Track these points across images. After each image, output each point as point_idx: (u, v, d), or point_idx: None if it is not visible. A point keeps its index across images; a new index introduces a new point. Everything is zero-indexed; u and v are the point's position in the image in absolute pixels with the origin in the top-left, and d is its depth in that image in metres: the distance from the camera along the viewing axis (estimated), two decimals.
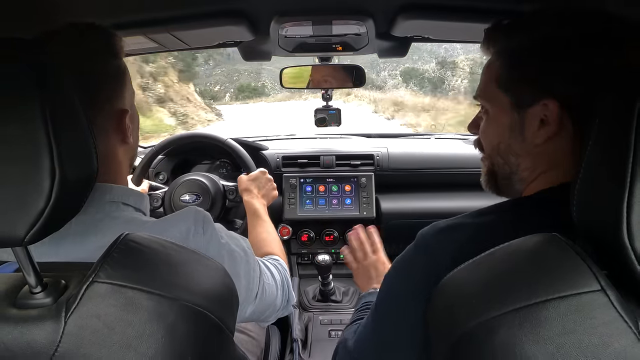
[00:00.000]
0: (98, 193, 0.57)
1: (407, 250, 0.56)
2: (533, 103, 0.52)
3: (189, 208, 0.61)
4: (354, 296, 1.37)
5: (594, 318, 0.34)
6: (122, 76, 0.62)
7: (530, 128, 0.53)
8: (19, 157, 0.35)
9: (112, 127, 0.60)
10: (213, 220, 0.63)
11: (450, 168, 1.48)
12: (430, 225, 0.54)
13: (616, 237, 0.35)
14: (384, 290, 0.59)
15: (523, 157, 0.56)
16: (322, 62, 1.38)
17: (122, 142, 0.62)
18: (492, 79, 0.57)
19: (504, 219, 0.51)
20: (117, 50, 0.61)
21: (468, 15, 0.85)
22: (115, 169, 0.62)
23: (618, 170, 0.34)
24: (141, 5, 0.81)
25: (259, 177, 1.15)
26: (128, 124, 0.62)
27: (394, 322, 0.55)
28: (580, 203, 0.40)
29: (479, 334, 0.38)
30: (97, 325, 0.39)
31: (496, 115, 0.57)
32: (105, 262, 0.41)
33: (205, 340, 0.45)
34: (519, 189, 0.58)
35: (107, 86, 0.59)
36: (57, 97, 0.37)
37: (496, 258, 0.42)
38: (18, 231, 0.36)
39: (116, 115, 0.60)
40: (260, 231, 0.99)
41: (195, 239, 0.58)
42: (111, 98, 0.60)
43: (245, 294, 0.67)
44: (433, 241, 0.52)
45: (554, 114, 0.50)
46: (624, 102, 0.36)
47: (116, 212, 0.58)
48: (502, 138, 0.57)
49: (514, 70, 0.54)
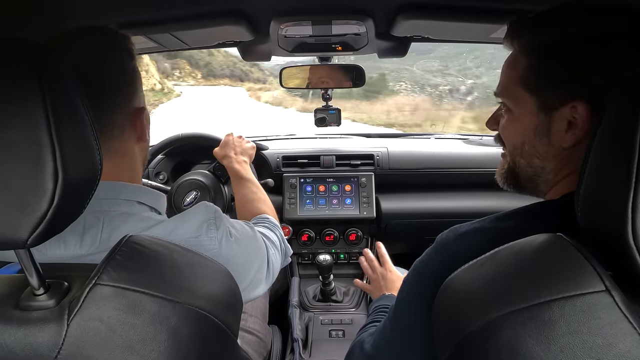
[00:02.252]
0: (114, 191, 0.57)
1: (426, 254, 0.55)
2: (561, 105, 0.50)
3: (198, 205, 0.62)
4: (354, 296, 1.37)
5: (599, 319, 0.34)
6: (136, 76, 0.63)
7: (557, 131, 0.50)
8: (22, 158, 0.35)
9: (129, 125, 0.62)
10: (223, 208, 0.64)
11: (450, 168, 1.48)
12: (451, 229, 0.53)
13: (621, 238, 0.35)
14: (404, 293, 0.58)
15: (549, 160, 0.53)
16: (321, 62, 1.37)
17: (138, 140, 0.64)
18: (515, 77, 0.54)
19: (529, 223, 0.49)
20: (131, 52, 0.63)
21: (468, 15, 0.85)
22: (132, 166, 0.64)
23: (623, 171, 0.34)
24: (141, 5, 0.81)
25: (228, 141, 1.16)
26: (144, 122, 0.63)
27: (413, 324, 0.55)
28: (585, 203, 0.40)
29: (483, 333, 0.38)
30: (99, 328, 0.38)
31: (520, 116, 0.55)
32: (108, 264, 0.41)
33: (208, 343, 0.45)
34: (543, 190, 0.57)
35: (124, 86, 0.61)
36: (59, 98, 0.37)
37: (500, 258, 0.42)
38: (21, 233, 0.36)
39: (133, 114, 0.62)
40: (246, 192, 1.01)
41: (209, 235, 0.58)
42: (128, 97, 0.61)
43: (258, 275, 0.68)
44: (454, 245, 0.51)
45: (583, 117, 0.48)
46: (627, 103, 0.36)
47: (131, 210, 0.58)
48: (527, 139, 0.55)
49: (541, 69, 0.51)
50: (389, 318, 0.60)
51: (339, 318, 1.27)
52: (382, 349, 0.60)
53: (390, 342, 0.59)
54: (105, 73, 0.58)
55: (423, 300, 0.52)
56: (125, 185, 0.59)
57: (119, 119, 0.60)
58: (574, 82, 0.49)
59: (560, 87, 0.50)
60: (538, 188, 0.57)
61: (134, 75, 0.62)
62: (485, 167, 1.45)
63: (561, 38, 0.50)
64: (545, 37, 0.51)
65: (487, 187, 1.44)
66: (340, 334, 1.21)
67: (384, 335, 0.60)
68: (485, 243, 0.47)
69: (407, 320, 0.56)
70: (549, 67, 0.51)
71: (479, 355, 0.38)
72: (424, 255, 0.55)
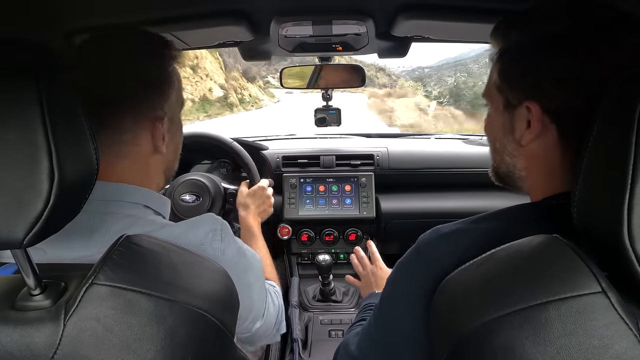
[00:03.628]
0: (120, 193, 0.57)
1: (408, 254, 0.55)
2: (518, 104, 0.52)
3: (206, 215, 0.60)
4: (354, 296, 1.37)
5: (595, 320, 0.34)
6: (166, 84, 0.61)
7: (518, 129, 0.53)
8: (18, 159, 0.35)
9: (144, 131, 0.59)
10: None
11: (450, 168, 1.48)
12: (432, 230, 0.54)
13: (617, 239, 0.34)
14: (386, 293, 0.58)
15: (517, 158, 0.56)
16: (322, 62, 1.37)
17: (154, 151, 0.61)
18: (492, 77, 0.56)
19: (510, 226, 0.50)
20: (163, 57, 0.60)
21: (468, 15, 0.85)
22: (144, 173, 0.61)
23: (618, 172, 0.34)
24: (141, 5, 0.81)
25: (257, 193, 1.15)
26: (164, 133, 0.61)
27: (395, 325, 0.55)
28: (580, 205, 0.40)
29: (479, 335, 0.38)
30: (96, 327, 0.39)
31: (493, 115, 0.58)
32: (104, 264, 0.41)
33: (205, 342, 0.45)
34: (524, 187, 0.58)
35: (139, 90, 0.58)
36: (56, 98, 0.37)
37: (497, 259, 0.42)
38: (17, 233, 0.36)
39: (149, 121, 0.59)
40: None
41: (213, 245, 0.57)
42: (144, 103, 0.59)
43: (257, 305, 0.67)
44: (436, 246, 0.51)
45: (536, 117, 0.50)
46: (623, 102, 0.36)
47: (136, 213, 0.57)
48: (497, 137, 0.58)
49: (505, 70, 0.54)
50: (374, 317, 0.60)
51: (338, 318, 1.27)
52: (367, 350, 0.60)
53: (374, 343, 0.59)
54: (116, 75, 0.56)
55: (406, 299, 0.53)
56: (132, 188, 0.58)
57: (128, 123, 0.58)
58: (526, 83, 0.51)
59: (516, 87, 0.52)
60: (517, 184, 0.59)
61: (157, 81, 0.60)
62: (485, 167, 1.43)
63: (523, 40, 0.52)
64: (513, 39, 0.53)
65: (487, 187, 1.43)
66: (339, 334, 1.21)
67: (368, 337, 0.61)
68: (468, 244, 0.48)
69: (391, 320, 0.56)
70: (510, 66, 0.53)
71: (475, 357, 0.38)
72: (405, 255, 0.56)
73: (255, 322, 0.69)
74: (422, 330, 0.50)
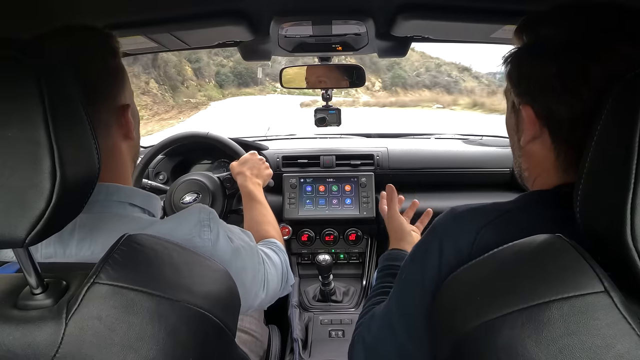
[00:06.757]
0: (104, 193, 0.57)
1: (424, 238, 0.56)
2: (519, 106, 0.54)
3: (193, 206, 0.61)
4: (354, 296, 1.37)
5: (597, 319, 0.34)
6: (121, 74, 0.63)
7: (521, 130, 0.55)
8: (20, 158, 0.35)
9: (115, 122, 0.62)
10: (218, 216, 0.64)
11: (450, 168, 1.48)
12: (447, 211, 0.55)
13: (620, 239, 0.35)
14: (402, 279, 0.58)
15: (522, 157, 0.58)
16: (321, 62, 1.37)
17: (125, 138, 0.64)
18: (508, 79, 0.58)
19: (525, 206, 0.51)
20: (116, 50, 0.63)
21: (468, 15, 0.85)
22: (120, 166, 0.63)
23: (622, 171, 0.34)
24: (141, 5, 0.81)
25: (249, 159, 1.16)
26: (130, 119, 0.63)
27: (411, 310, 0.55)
28: (583, 204, 0.40)
29: (481, 334, 0.38)
30: (98, 326, 0.38)
31: (506, 115, 0.61)
32: (106, 263, 0.41)
33: (206, 341, 0.45)
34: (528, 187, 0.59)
35: (108, 83, 0.61)
36: (57, 97, 0.37)
37: (499, 258, 0.42)
38: (19, 232, 0.36)
39: (118, 111, 0.62)
40: (255, 214, 1.00)
41: (203, 237, 0.58)
42: (113, 95, 0.61)
43: (253, 285, 0.68)
44: (453, 226, 0.52)
45: (529, 120, 0.52)
46: (627, 103, 0.36)
47: (123, 212, 0.58)
48: (510, 137, 0.61)
49: (509, 73, 0.56)
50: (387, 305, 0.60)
51: (338, 318, 1.27)
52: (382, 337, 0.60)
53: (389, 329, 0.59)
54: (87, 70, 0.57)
55: (421, 285, 0.53)
56: (118, 187, 0.59)
57: (104, 116, 0.60)
58: (521, 88, 0.53)
59: (516, 92, 0.54)
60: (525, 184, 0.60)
61: (118, 73, 0.62)
62: (485, 167, 1.45)
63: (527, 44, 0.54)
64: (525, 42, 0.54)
65: (487, 187, 1.44)
66: (340, 334, 1.21)
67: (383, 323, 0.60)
68: (484, 222, 0.49)
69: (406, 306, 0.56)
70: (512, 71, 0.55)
71: (478, 356, 0.38)
72: (421, 240, 0.57)
73: (257, 299, 0.70)
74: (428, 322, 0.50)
